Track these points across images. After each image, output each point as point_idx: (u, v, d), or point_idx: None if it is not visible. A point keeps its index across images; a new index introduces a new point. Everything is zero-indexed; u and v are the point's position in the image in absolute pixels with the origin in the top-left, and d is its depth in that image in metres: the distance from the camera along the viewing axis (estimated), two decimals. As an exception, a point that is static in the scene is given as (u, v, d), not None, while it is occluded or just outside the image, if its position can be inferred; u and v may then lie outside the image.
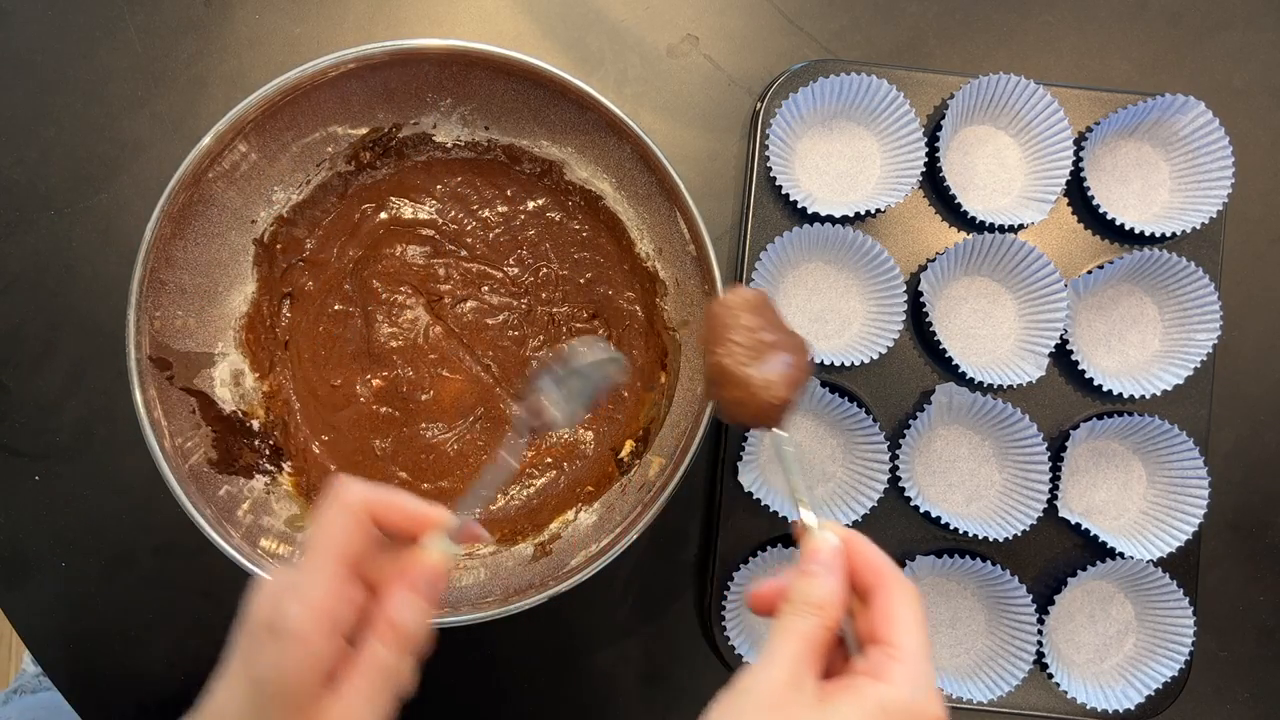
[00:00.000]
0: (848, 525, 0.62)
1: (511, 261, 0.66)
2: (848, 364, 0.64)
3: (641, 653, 0.67)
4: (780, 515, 0.63)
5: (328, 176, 0.64)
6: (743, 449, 0.64)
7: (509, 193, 0.66)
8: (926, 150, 0.65)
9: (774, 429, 0.44)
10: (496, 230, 0.66)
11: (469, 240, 0.66)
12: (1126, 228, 0.66)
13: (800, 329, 0.67)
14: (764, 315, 0.45)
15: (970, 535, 0.63)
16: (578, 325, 0.66)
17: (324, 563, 0.37)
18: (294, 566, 0.38)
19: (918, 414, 0.64)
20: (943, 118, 0.65)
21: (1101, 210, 0.66)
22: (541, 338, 0.66)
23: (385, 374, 0.65)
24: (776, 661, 0.37)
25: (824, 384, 0.65)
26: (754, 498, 0.63)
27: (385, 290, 0.66)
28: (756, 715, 0.35)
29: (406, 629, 0.38)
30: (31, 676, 1.03)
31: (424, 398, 0.65)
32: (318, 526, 0.39)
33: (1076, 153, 0.66)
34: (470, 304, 0.66)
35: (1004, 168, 0.68)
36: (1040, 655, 0.64)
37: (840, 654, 0.40)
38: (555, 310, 0.66)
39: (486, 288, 0.66)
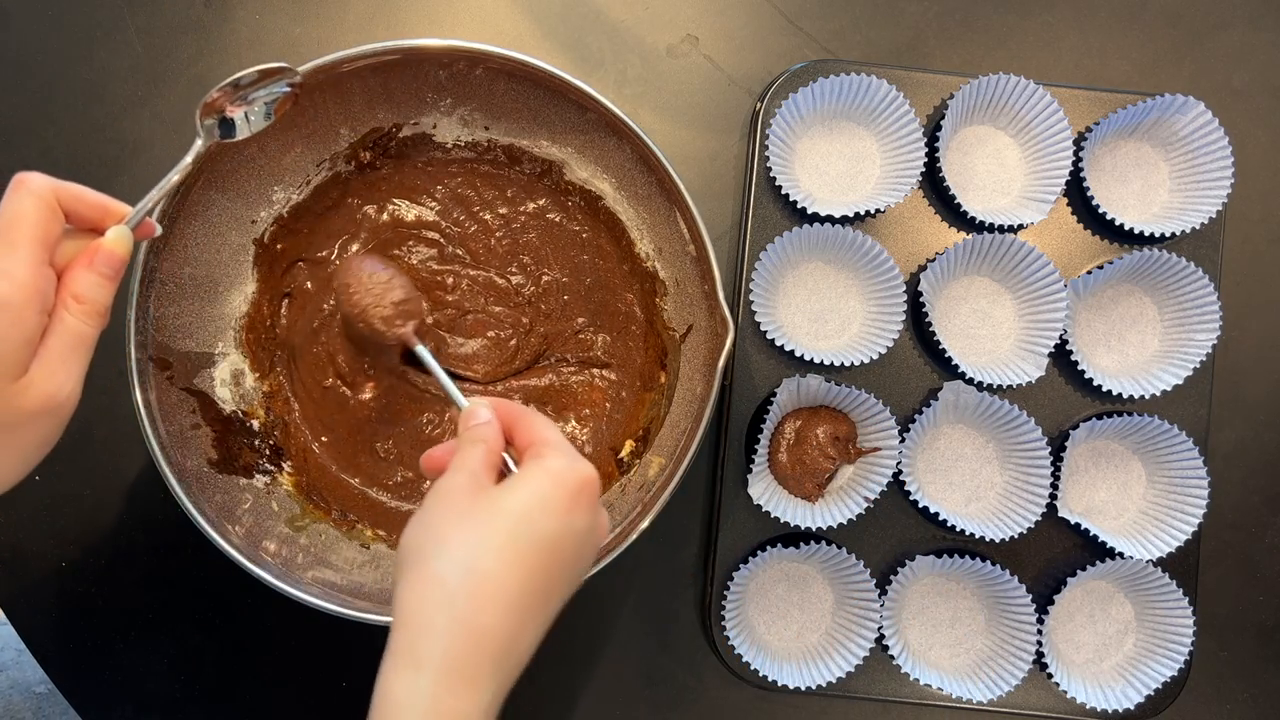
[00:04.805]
0: (850, 520, 0.63)
1: (514, 269, 0.66)
2: (847, 364, 0.64)
3: (641, 652, 0.67)
4: (784, 521, 0.63)
5: (328, 177, 0.64)
6: (752, 461, 0.64)
7: (509, 193, 0.66)
8: (926, 150, 0.65)
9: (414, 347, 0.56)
10: (498, 234, 0.66)
11: (471, 245, 0.66)
12: (1126, 228, 0.66)
13: (800, 329, 0.67)
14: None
15: (970, 535, 0.63)
16: (580, 335, 0.66)
17: (25, 243, 0.41)
18: None
19: (923, 409, 0.64)
20: (942, 118, 0.65)
21: (1101, 210, 0.66)
22: (544, 345, 0.66)
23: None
24: (460, 470, 0.43)
25: (826, 383, 0.65)
26: (763, 510, 0.63)
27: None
28: (453, 508, 0.41)
29: (88, 300, 0.43)
30: None
31: (425, 399, 0.65)
32: (8, 212, 0.41)
33: (1076, 153, 0.66)
34: (470, 318, 0.65)
35: (1004, 168, 0.68)
36: (1040, 655, 0.64)
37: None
38: (559, 325, 0.66)
39: (491, 298, 0.66)
